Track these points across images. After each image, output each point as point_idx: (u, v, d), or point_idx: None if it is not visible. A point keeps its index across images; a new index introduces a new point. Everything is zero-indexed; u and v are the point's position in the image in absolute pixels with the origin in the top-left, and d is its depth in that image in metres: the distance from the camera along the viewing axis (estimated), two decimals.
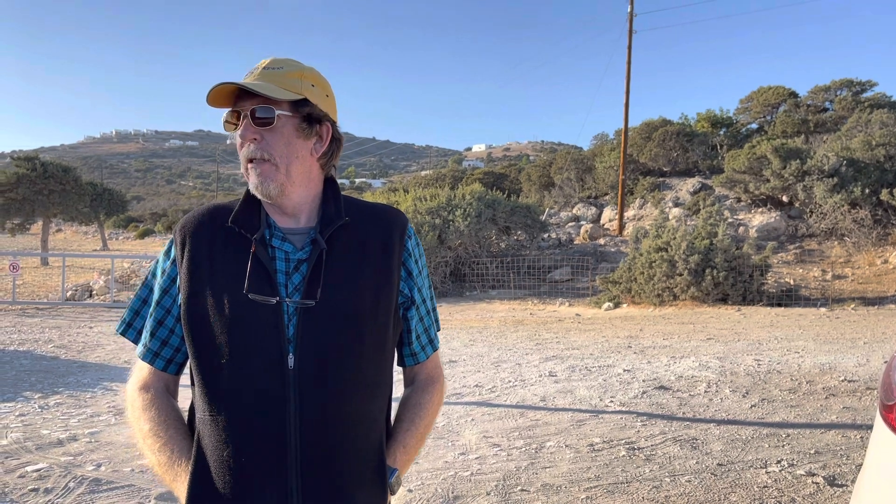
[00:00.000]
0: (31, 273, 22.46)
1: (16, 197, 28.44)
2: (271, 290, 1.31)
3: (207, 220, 1.39)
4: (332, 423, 1.31)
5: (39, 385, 7.00)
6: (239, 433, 1.29)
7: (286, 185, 1.35)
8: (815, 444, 4.68)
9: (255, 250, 1.33)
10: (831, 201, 18.10)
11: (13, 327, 11.31)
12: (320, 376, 1.30)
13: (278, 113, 1.33)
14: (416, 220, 17.70)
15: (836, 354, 7.77)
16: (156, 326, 1.39)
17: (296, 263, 1.35)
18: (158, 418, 1.36)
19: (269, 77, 1.34)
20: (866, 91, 30.11)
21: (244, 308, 1.30)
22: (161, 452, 1.33)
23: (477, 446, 4.82)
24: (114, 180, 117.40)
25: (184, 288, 1.34)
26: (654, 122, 29.35)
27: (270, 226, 1.38)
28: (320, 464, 1.30)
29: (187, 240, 1.37)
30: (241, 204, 1.39)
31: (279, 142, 1.34)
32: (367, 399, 1.36)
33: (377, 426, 1.40)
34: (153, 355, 1.40)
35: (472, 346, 9.27)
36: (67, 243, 43.63)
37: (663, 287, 13.71)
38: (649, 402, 5.89)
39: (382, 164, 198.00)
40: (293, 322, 1.31)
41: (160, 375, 1.41)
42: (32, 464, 4.45)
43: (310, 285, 1.32)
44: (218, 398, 1.31)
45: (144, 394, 1.39)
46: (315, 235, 1.36)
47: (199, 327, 1.32)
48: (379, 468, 1.38)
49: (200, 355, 1.32)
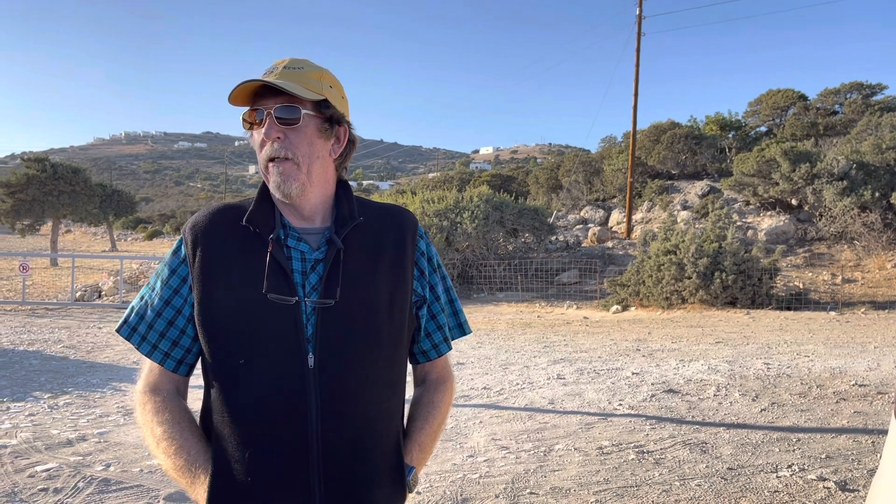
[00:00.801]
0: (41, 274, 22.59)
1: (26, 198, 28.64)
2: (289, 289, 1.30)
3: (219, 220, 1.37)
4: (353, 421, 1.31)
5: (49, 385, 7.03)
6: (260, 433, 1.28)
7: (307, 185, 1.35)
8: (825, 449, 4.65)
9: (273, 250, 1.32)
10: (841, 205, 18.00)
11: (23, 327, 11.37)
12: (340, 375, 1.30)
13: (304, 112, 1.32)
14: (424, 222, 17.72)
15: (846, 358, 7.72)
16: (166, 327, 1.37)
17: (312, 263, 1.35)
18: (172, 421, 1.34)
19: (292, 76, 1.33)
20: (876, 94, 29.99)
21: (263, 308, 1.29)
22: (177, 456, 1.31)
23: (485, 449, 4.81)
24: (123, 181, 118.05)
25: (198, 288, 1.33)
26: (662, 124, 29.28)
27: (285, 226, 1.37)
28: (341, 462, 1.30)
29: (199, 239, 1.35)
30: (255, 204, 1.37)
31: (303, 142, 1.33)
32: (385, 397, 1.37)
33: (395, 424, 1.40)
34: (164, 356, 1.37)
35: (480, 348, 9.26)
36: (77, 244, 43.86)
37: (672, 290, 13.66)
38: (658, 406, 5.87)
39: (390, 166, 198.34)
40: (311, 322, 1.30)
41: (170, 377, 1.39)
42: (42, 464, 4.46)
43: (328, 285, 1.32)
44: (238, 399, 1.30)
45: (155, 396, 1.37)
46: (330, 235, 1.36)
47: (217, 327, 1.31)
48: (398, 466, 1.38)
49: (218, 356, 1.31)
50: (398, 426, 1.42)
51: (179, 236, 1.40)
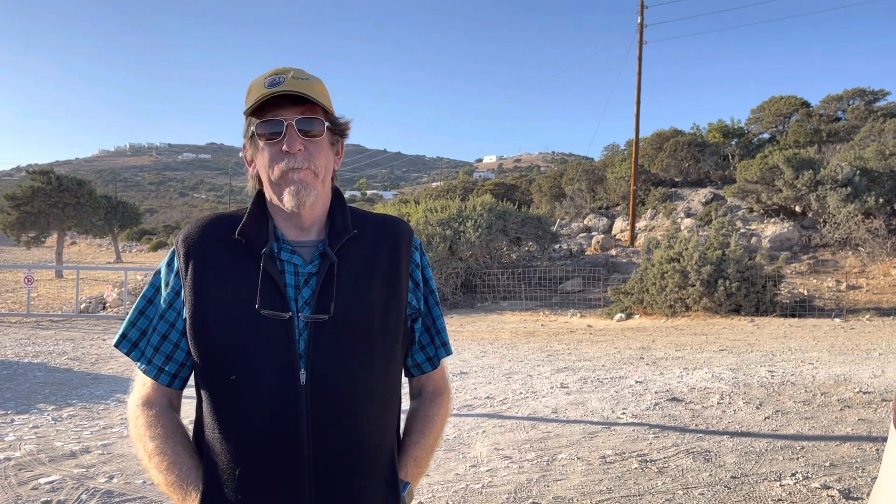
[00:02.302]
0: (46, 286, 22.66)
1: (31, 210, 28.78)
2: (282, 304, 1.29)
3: (211, 232, 1.35)
4: (345, 437, 1.30)
5: (53, 397, 7.05)
6: (252, 449, 1.27)
7: (321, 196, 1.35)
8: (829, 457, 4.63)
9: (265, 264, 1.30)
10: (845, 211, 17.97)
11: (28, 340, 11.40)
12: (332, 391, 1.28)
13: (326, 125, 1.34)
14: (427, 231, 17.72)
15: (850, 366, 7.69)
16: (160, 341, 1.35)
17: (306, 277, 1.33)
18: (164, 436, 1.33)
19: (305, 87, 1.30)
20: (879, 100, 29.97)
21: (255, 323, 1.27)
22: (169, 471, 1.30)
23: (488, 458, 4.80)
24: (127, 193, 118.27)
25: (190, 301, 1.31)
26: (665, 132, 29.28)
27: (278, 238, 1.35)
28: (334, 479, 1.28)
29: (192, 251, 1.33)
30: (248, 216, 1.36)
31: (321, 154, 1.34)
32: (378, 413, 1.35)
33: (389, 439, 1.39)
34: (157, 370, 1.36)
35: (484, 357, 9.25)
36: (82, 256, 43.98)
37: (675, 298, 13.64)
38: (662, 414, 5.85)
39: (394, 175, 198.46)
40: (304, 336, 1.29)
41: (163, 391, 1.37)
42: (45, 476, 4.47)
43: (320, 299, 1.30)
44: (229, 414, 1.29)
45: (148, 410, 1.35)
46: (324, 248, 1.34)
47: (208, 342, 1.30)
48: (392, 482, 1.36)
49: (209, 371, 1.31)
50: (392, 441, 1.40)
51: (172, 247, 1.39)
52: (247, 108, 1.32)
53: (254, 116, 1.33)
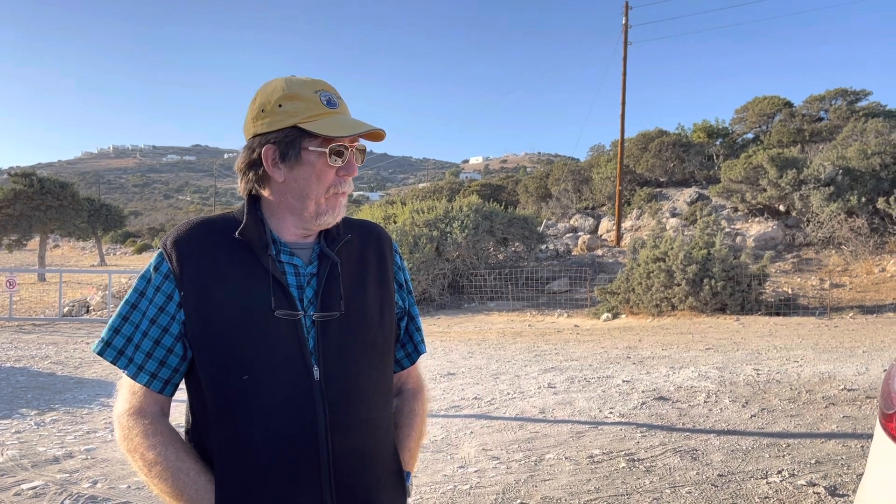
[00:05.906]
0: (28, 289, 22.42)
1: (13, 213, 28.44)
2: (289, 304, 1.33)
3: (204, 235, 1.35)
4: (359, 430, 1.35)
5: (36, 402, 6.96)
6: (271, 448, 1.29)
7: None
8: (815, 454, 4.66)
9: (271, 266, 1.34)
10: (828, 210, 18.13)
11: (10, 344, 11.27)
12: (345, 386, 1.34)
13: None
14: (414, 232, 17.70)
15: (835, 363, 7.76)
16: (153, 346, 1.32)
17: (307, 278, 1.38)
18: (165, 444, 1.30)
19: (372, 126, 1.38)
20: (861, 100, 30.24)
21: (266, 323, 1.30)
22: (175, 479, 1.27)
23: (476, 459, 4.80)
24: (111, 195, 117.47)
25: (193, 305, 1.31)
26: (650, 132, 29.43)
27: (275, 241, 1.38)
28: (351, 471, 1.34)
29: (187, 254, 1.32)
30: (247, 217, 1.36)
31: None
32: (383, 405, 1.43)
33: (391, 431, 1.47)
34: (150, 377, 1.33)
35: (471, 358, 9.24)
36: (65, 259, 43.57)
37: (661, 297, 13.70)
38: (649, 413, 5.87)
39: (380, 176, 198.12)
40: (311, 335, 1.34)
41: (155, 398, 1.34)
42: (28, 481, 4.41)
43: (325, 298, 1.36)
44: (242, 414, 1.29)
45: (142, 419, 1.32)
46: (321, 250, 1.40)
47: (218, 345, 1.30)
48: (398, 471, 1.44)
49: (218, 372, 1.30)
50: (393, 433, 1.48)
51: (157, 251, 1.37)
52: (323, 131, 1.31)
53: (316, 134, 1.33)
